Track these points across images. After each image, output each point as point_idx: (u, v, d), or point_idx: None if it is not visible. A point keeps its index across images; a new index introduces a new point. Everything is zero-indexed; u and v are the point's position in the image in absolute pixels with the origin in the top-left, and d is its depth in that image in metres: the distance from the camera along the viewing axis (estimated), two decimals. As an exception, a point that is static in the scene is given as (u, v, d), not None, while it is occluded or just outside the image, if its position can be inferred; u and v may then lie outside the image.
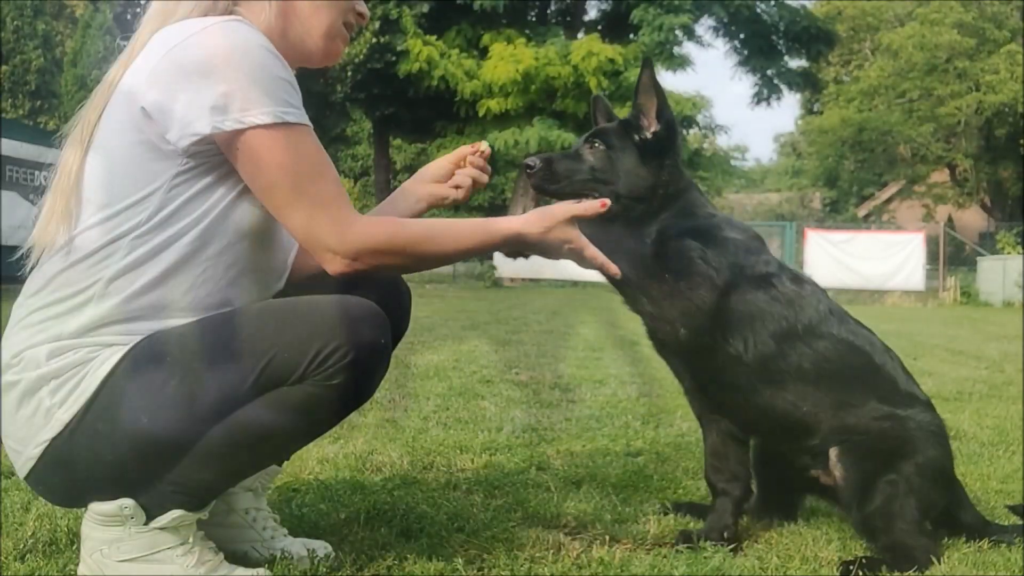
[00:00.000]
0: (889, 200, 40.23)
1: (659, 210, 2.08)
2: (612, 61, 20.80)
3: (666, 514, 2.27)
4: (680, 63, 22.62)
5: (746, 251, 2.06)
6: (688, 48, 70.04)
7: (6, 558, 1.81)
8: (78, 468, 1.58)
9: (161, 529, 1.61)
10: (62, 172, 1.63)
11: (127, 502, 1.60)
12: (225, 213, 1.61)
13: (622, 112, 2.20)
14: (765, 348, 2.00)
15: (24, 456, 1.60)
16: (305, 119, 1.59)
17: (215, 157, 1.58)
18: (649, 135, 2.08)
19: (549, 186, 2.05)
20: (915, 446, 1.99)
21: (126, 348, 1.57)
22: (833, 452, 2.03)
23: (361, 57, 20.76)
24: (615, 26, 23.86)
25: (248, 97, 1.52)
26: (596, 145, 2.09)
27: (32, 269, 1.64)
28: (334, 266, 1.61)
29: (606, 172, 2.06)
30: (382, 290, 1.80)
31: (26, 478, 1.64)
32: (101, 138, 1.61)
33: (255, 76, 1.53)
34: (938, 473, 2.02)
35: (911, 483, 1.96)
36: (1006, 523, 2.25)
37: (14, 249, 1.67)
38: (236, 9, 1.68)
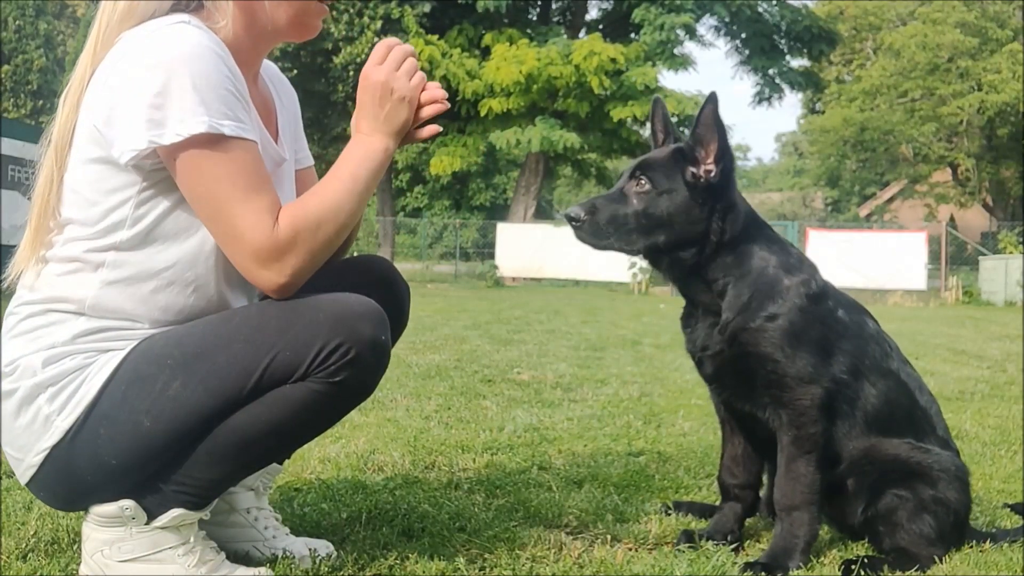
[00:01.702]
0: (891, 200, 40.18)
1: (715, 255, 1.95)
2: (614, 61, 20.77)
3: (668, 514, 2.28)
4: (681, 63, 22.59)
5: (814, 299, 1.98)
6: (690, 48, 70.13)
7: (8, 557, 1.81)
8: (80, 473, 1.58)
9: (162, 529, 1.61)
10: (40, 193, 1.61)
11: (128, 503, 1.60)
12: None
13: (623, 111, 2.16)
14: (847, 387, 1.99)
15: (25, 464, 1.60)
16: (245, 132, 1.53)
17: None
18: (703, 175, 1.92)
19: (598, 241, 1.92)
20: (935, 484, 1.97)
21: (124, 352, 1.57)
22: (850, 481, 2.00)
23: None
24: (617, 26, 23.86)
25: (184, 108, 1.47)
26: (642, 183, 1.93)
27: (11, 286, 1.63)
28: (267, 278, 1.54)
29: (653, 219, 1.91)
30: (380, 288, 1.80)
31: (27, 484, 1.63)
32: (73, 156, 1.59)
33: (193, 86, 1.47)
34: (952, 515, 1.97)
35: (926, 507, 1.94)
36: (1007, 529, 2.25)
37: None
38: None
